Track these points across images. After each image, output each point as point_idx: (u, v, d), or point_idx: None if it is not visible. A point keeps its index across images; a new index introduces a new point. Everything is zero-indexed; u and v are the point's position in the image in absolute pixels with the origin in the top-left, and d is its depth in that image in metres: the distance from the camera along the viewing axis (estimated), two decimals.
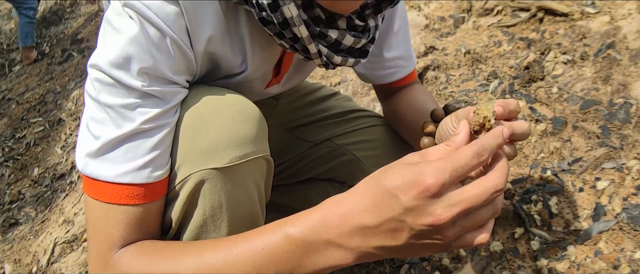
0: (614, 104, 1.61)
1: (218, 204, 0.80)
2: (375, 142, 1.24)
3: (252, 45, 0.89)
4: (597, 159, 1.50)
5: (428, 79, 2.05)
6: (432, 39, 2.18)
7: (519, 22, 2.10)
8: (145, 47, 0.74)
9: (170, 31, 0.75)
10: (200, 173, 0.77)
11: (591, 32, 1.89)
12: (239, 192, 0.82)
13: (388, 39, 1.14)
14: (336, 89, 2.24)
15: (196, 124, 0.79)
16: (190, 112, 0.81)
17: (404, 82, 1.21)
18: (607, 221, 1.35)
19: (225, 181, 0.79)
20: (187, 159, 0.78)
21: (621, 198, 1.38)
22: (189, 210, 0.81)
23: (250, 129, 0.82)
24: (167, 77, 0.77)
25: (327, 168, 1.26)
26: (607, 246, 1.31)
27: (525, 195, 1.49)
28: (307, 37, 0.82)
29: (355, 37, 0.89)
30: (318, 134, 1.28)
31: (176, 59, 0.78)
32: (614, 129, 1.56)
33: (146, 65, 0.74)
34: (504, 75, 1.93)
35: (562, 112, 1.68)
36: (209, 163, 0.77)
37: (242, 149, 0.80)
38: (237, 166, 0.80)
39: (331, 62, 0.90)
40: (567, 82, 1.77)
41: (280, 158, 1.29)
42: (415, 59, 1.23)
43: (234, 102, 0.83)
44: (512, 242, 1.40)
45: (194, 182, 0.78)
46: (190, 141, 0.79)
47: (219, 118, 0.80)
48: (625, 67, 1.71)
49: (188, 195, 0.79)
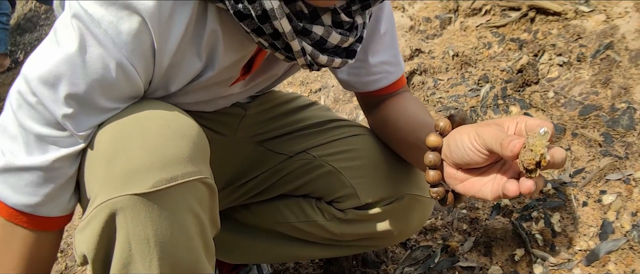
0: (616, 109, 1.50)
1: (144, 238, 0.69)
2: (356, 152, 1.12)
3: (225, 45, 0.80)
4: (601, 170, 1.38)
5: (415, 84, 1.92)
6: (417, 42, 2.05)
7: (509, 22, 1.98)
8: (80, 71, 0.68)
9: (119, 53, 0.69)
10: (117, 200, 0.68)
11: (587, 32, 1.78)
12: (169, 223, 0.71)
13: (374, 43, 1.03)
14: (317, 96, 2.10)
15: (115, 144, 0.71)
16: (109, 129, 0.72)
17: (391, 89, 1.09)
18: (616, 239, 1.23)
19: (149, 210, 0.69)
20: (104, 185, 0.69)
21: (630, 213, 1.26)
22: (108, 246, 0.71)
23: (181, 147, 0.71)
24: (100, 106, 0.72)
25: (303, 182, 1.13)
26: (617, 268, 1.19)
27: (525, 212, 1.36)
28: (290, 32, 0.74)
29: (342, 35, 0.80)
30: (292, 146, 1.16)
31: (118, 85, 0.72)
32: (617, 137, 1.44)
33: (76, 92, 0.69)
34: (496, 79, 1.81)
35: (560, 119, 1.56)
36: (128, 188, 0.68)
37: (170, 171, 0.69)
38: (164, 191, 0.69)
39: (316, 62, 0.81)
40: (563, 86, 1.65)
41: (250, 174, 1.17)
42: (403, 65, 1.10)
43: (163, 116, 0.73)
44: (512, 265, 1.27)
45: (108, 212, 0.68)
46: (108, 164, 0.70)
47: (142, 135, 0.70)
48: (625, 69, 1.59)
49: (102, 227, 0.69)
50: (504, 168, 0.76)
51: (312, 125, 1.17)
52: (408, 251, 1.40)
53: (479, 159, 0.74)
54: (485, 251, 1.33)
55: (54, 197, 0.76)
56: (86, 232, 0.71)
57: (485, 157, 0.74)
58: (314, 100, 1.31)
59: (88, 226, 0.71)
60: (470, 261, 1.32)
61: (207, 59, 0.81)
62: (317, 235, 1.13)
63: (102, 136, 0.73)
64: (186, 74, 0.81)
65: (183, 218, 0.72)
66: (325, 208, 1.11)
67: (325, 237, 1.12)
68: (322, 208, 1.12)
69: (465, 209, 1.46)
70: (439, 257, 1.35)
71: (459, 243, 1.37)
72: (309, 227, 1.12)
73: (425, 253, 1.37)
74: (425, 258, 1.37)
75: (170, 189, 0.69)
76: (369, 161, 1.10)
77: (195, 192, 0.73)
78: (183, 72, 0.80)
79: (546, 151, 0.65)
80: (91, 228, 0.70)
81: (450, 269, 1.32)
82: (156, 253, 0.71)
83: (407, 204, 1.08)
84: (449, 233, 1.41)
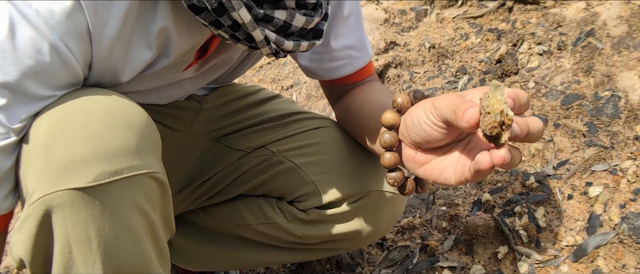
0: (599, 98, 1.43)
1: (85, 238, 0.63)
2: (318, 147, 1.03)
3: (178, 35, 0.73)
4: (586, 161, 1.31)
5: (390, 78, 1.84)
6: (392, 34, 1.98)
7: (486, 12, 1.91)
8: (10, 56, 0.62)
9: (52, 34, 0.63)
10: (54, 196, 0.61)
11: (567, 20, 1.71)
12: (113, 222, 0.64)
13: (336, 25, 0.95)
14: (289, 92, 2.02)
15: (53, 133, 0.63)
16: (47, 117, 0.65)
17: (357, 77, 1.01)
18: (605, 233, 1.16)
19: (91, 207, 0.62)
20: (40, 179, 0.62)
21: (618, 206, 1.19)
22: (47, 247, 0.65)
23: (128, 137, 0.64)
24: (34, 94, 0.66)
25: (262, 181, 1.05)
26: (606, 263, 1.12)
27: (507, 207, 1.29)
28: (250, 22, 0.68)
29: (307, 15, 0.74)
30: (250, 141, 1.07)
31: (53, 70, 0.65)
32: (602, 126, 1.37)
33: (7, 80, 0.63)
34: (474, 70, 1.73)
35: (541, 109, 1.49)
36: (66, 182, 0.61)
37: (113, 164, 0.63)
38: (107, 186, 0.62)
39: (281, 49, 0.76)
40: (544, 76, 1.58)
41: (207, 173, 1.08)
42: (371, 51, 1.02)
43: (108, 102, 0.66)
44: (496, 263, 1.20)
45: (43, 208, 0.62)
46: (46, 154, 0.63)
47: (84, 122, 0.63)
48: (608, 56, 1.53)
49: (38, 227, 0.63)
50: (469, 147, 0.67)
51: (272, 118, 1.09)
52: (385, 252, 1.31)
53: (436, 134, 0.65)
54: (466, 249, 1.25)
55: None
56: (21, 232, 0.64)
57: (443, 131, 0.65)
58: (279, 94, 1.22)
59: (24, 226, 0.64)
60: (451, 260, 1.24)
61: (160, 48, 0.75)
62: (280, 238, 1.04)
63: (38, 125, 0.66)
64: (136, 64, 0.74)
65: (129, 216, 0.65)
66: (286, 208, 1.02)
67: (288, 240, 1.03)
68: (283, 209, 1.03)
69: (445, 206, 1.38)
70: (418, 257, 1.27)
71: (438, 241, 1.29)
72: (270, 229, 1.03)
73: (403, 254, 1.29)
74: (403, 258, 1.28)
75: (113, 184, 0.63)
76: (332, 155, 1.01)
77: (143, 189, 0.67)
78: (132, 62, 0.74)
79: (506, 107, 0.53)
80: (27, 227, 0.63)
81: (430, 270, 1.23)
82: (99, 256, 0.64)
83: (375, 202, 0.98)
84: (428, 232, 1.33)
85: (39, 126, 0.66)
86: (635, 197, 1.19)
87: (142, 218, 0.67)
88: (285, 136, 1.05)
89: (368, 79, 1.03)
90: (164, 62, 0.77)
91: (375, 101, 0.91)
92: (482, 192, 1.36)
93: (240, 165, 1.06)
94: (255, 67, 2.20)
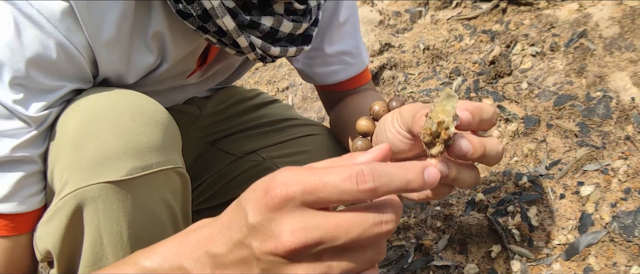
0: (591, 98, 1.44)
1: (117, 231, 0.65)
2: (308, 154, 1.04)
3: (173, 39, 0.75)
4: (578, 160, 1.32)
5: (385, 79, 1.86)
6: (387, 36, 1.99)
7: (480, 14, 1.93)
8: (19, 54, 0.64)
9: (55, 32, 0.64)
10: (87, 189, 0.63)
11: (560, 21, 1.73)
12: (143, 214, 0.66)
13: (331, 31, 0.96)
14: (284, 94, 2.03)
15: (85, 127, 0.65)
16: (79, 111, 0.66)
17: (352, 84, 1.01)
18: (596, 232, 1.17)
19: (123, 200, 0.64)
20: (74, 171, 0.63)
21: (609, 205, 1.21)
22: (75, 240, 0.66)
23: (155, 134, 0.66)
24: (47, 85, 0.67)
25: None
26: (597, 261, 1.13)
27: (500, 206, 1.30)
28: (235, 29, 0.70)
29: (295, 22, 0.75)
30: (242, 145, 1.08)
31: (61, 64, 0.67)
32: (594, 126, 1.38)
33: (20, 76, 0.64)
34: (468, 71, 1.75)
35: (534, 110, 1.50)
36: (100, 176, 0.63)
37: (144, 159, 0.65)
38: (138, 180, 0.64)
39: (268, 54, 0.76)
40: (537, 77, 1.60)
41: (201, 176, 1.09)
42: (367, 59, 1.02)
43: (135, 101, 0.68)
44: (489, 262, 1.21)
45: (75, 202, 0.63)
46: (78, 148, 0.64)
47: (114, 119, 0.65)
48: (600, 57, 1.54)
49: (69, 219, 0.64)
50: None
51: (265, 124, 1.10)
52: None
53: (400, 144, 0.64)
54: (460, 248, 1.27)
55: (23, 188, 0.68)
56: (51, 225, 0.66)
57: (407, 142, 0.64)
58: (277, 98, 1.23)
59: (53, 218, 0.65)
60: (445, 259, 1.25)
61: (159, 52, 0.77)
62: None
63: (67, 122, 0.67)
64: (139, 67, 0.76)
65: (157, 209, 0.68)
66: None
67: None
68: None
69: (439, 206, 1.39)
70: (413, 256, 1.28)
71: (433, 241, 1.30)
72: None
73: (398, 253, 1.30)
74: (398, 258, 1.29)
75: (144, 178, 0.65)
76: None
77: (169, 183, 0.69)
78: (135, 66, 0.75)
79: (451, 119, 0.49)
80: (57, 220, 0.64)
81: (425, 269, 1.25)
82: (129, 247, 0.66)
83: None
84: (423, 231, 1.35)
85: (68, 123, 0.67)
86: (626, 197, 1.21)
87: (167, 210, 0.69)
88: (276, 142, 1.06)
89: (363, 87, 1.03)
90: (164, 67, 0.79)
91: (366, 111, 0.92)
92: (476, 193, 1.37)
93: (232, 169, 1.06)
94: (251, 69, 2.22)
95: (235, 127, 1.10)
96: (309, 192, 0.41)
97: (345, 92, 1.02)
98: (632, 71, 1.45)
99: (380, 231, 0.42)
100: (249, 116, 1.12)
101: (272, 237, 0.42)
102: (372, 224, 0.42)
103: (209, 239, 0.48)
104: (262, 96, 1.18)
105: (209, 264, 0.47)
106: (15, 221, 0.68)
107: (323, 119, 1.84)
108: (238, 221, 0.45)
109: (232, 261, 0.46)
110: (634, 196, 1.20)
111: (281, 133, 1.08)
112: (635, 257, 1.11)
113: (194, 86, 0.94)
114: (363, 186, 0.41)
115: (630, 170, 1.24)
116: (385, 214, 0.43)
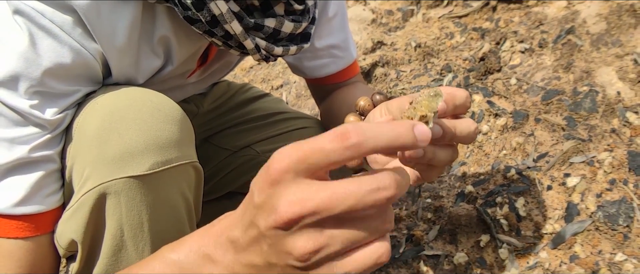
0: (578, 93, 1.48)
1: (138, 223, 0.67)
2: None
3: (178, 42, 0.77)
4: (565, 153, 1.35)
5: (377, 76, 1.89)
6: (380, 34, 2.02)
7: (471, 12, 1.96)
8: (35, 64, 0.65)
9: (70, 39, 0.67)
10: (111, 184, 0.65)
11: (548, 18, 1.76)
12: (163, 207, 0.69)
13: (320, 26, 0.99)
14: (278, 92, 2.06)
15: (107, 124, 0.67)
16: (98, 109, 0.68)
17: (342, 77, 1.04)
18: (582, 221, 1.20)
19: (145, 193, 0.66)
20: (96, 167, 0.66)
21: (594, 195, 1.24)
22: (96, 230, 0.68)
23: (173, 131, 0.68)
24: (63, 92, 0.69)
25: (247, 179, 1.07)
26: (583, 249, 1.17)
27: (489, 198, 1.33)
28: (242, 33, 0.73)
29: (295, 22, 0.77)
30: (236, 140, 1.11)
31: (76, 70, 0.69)
32: (580, 120, 1.42)
33: (35, 84, 0.66)
34: (458, 68, 1.78)
35: (522, 105, 1.53)
36: (124, 171, 0.65)
37: (164, 154, 0.67)
38: (159, 174, 0.67)
39: (271, 54, 0.79)
40: (526, 72, 1.63)
41: None
42: (355, 52, 1.05)
43: (152, 98, 0.70)
44: (478, 251, 1.24)
45: (97, 196, 0.65)
46: (100, 145, 0.66)
47: (135, 116, 0.67)
48: (587, 53, 1.58)
49: (89, 212, 0.65)
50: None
51: (257, 118, 1.13)
52: None
53: None
54: (450, 238, 1.30)
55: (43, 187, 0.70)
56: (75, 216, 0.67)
57: None
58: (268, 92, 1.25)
59: (76, 212, 0.67)
60: (435, 249, 1.28)
61: (165, 55, 0.79)
62: None
63: (88, 118, 0.69)
64: (147, 70, 0.79)
65: (175, 201, 0.70)
66: None
67: None
68: None
69: (430, 198, 1.42)
70: (404, 247, 1.31)
71: (423, 231, 1.33)
72: None
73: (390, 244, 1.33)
74: None
75: (164, 172, 0.67)
76: None
77: (186, 177, 0.72)
78: (143, 69, 0.78)
79: (432, 116, 0.52)
80: (81, 212, 0.66)
81: (416, 259, 1.28)
82: (149, 238, 0.68)
83: None
84: (414, 222, 1.38)
85: (87, 121, 0.69)
86: (611, 187, 1.24)
87: (184, 202, 0.72)
88: (269, 136, 1.08)
89: (352, 79, 1.06)
90: (169, 68, 0.81)
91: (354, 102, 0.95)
92: (466, 185, 1.41)
93: (227, 164, 1.09)
94: (245, 67, 2.24)
95: (229, 122, 1.12)
96: (300, 160, 0.42)
97: (334, 84, 1.05)
98: (618, 66, 1.49)
99: (378, 198, 0.42)
100: (241, 110, 1.14)
101: (272, 211, 0.43)
102: (367, 191, 0.41)
103: (228, 226, 0.50)
104: (253, 90, 1.20)
105: (231, 250, 0.49)
106: (36, 222, 0.70)
107: (316, 116, 1.87)
108: (248, 204, 0.47)
109: (248, 242, 0.47)
110: (618, 186, 1.23)
111: (274, 127, 1.10)
112: (619, 245, 1.14)
113: (193, 85, 0.97)
114: (347, 142, 0.41)
115: (615, 161, 1.27)
116: (383, 180, 0.42)
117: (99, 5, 0.67)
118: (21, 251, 0.69)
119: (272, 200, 0.43)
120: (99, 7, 0.67)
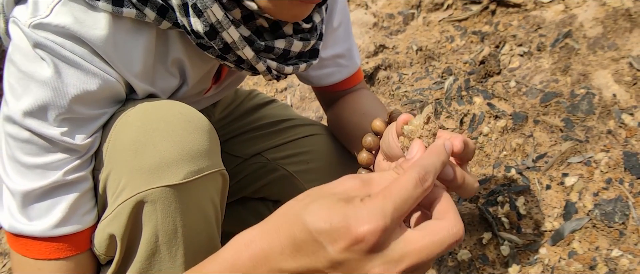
0: (575, 95, 1.53)
1: (172, 229, 0.70)
2: (310, 155, 1.11)
3: (191, 64, 0.80)
4: (563, 153, 1.40)
5: (380, 80, 1.94)
6: (381, 38, 2.07)
7: (470, 16, 2.01)
8: (61, 93, 0.68)
9: (92, 67, 0.69)
10: (148, 193, 0.68)
11: (546, 22, 1.81)
12: (196, 213, 0.72)
13: (325, 36, 1.01)
14: (283, 95, 2.10)
15: (141, 137, 0.69)
16: (132, 123, 0.71)
17: (347, 85, 1.08)
18: (579, 219, 1.25)
19: (179, 201, 0.70)
20: (133, 177, 0.69)
21: (592, 194, 1.29)
22: (133, 236, 0.72)
23: (203, 141, 0.72)
24: (91, 116, 0.72)
25: (259, 186, 1.12)
26: (581, 245, 1.21)
27: (490, 197, 1.38)
28: (254, 57, 0.74)
29: (304, 40, 0.80)
30: (247, 148, 1.14)
31: (102, 94, 0.72)
32: (578, 121, 1.47)
33: (64, 111, 0.68)
34: (459, 71, 1.83)
35: (522, 107, 1.58)
36: (160, 180, 0.68)
37: (196, 163, 0.71)
38: (192, 183, 0.70)
39: (282, 73, 0.82)
40: (525, 75, 1.68)
41: None
42: (359, 60, 1.09)
43: (181, 110, 0.73)
44: (480, 248, 1.29)
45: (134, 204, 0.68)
46: (136, 157, 0.68)
47: (167, 128, 0.70)
48: (584, 56, 1.63)
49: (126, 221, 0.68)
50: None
51: (266, 125, 1.16)
52: None
53: (396, 150, 0.70)
54: None
55: (79, 207, 0.73)
56: (114, 221, 0.70)
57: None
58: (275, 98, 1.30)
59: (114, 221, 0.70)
60: None
61: (180, 75, 0.82)
62: None
63: (121, 131, 0.72)
64: (166, 89, 0.82)
65: (207, 208, 0.74)
66: None
67: None
68: None
69: None
70: None
71: None
72: None
73: None
74: None
75: (197, 181, 0.71)
76: (323, 163, 1.09)
77: (216, 184, 0.75)
78: (162, 88, 0.81)
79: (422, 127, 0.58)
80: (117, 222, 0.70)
81: None
82: (182, 243, 0.72)
83: None
84: None
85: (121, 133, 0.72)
86: (607, 186, 1.29)
87: (213, 208, 0.75)
88: (278, 144, 1.12)
89: (357, 87, 1.09)
90: (184, 89, 0.84)
91: (365, 112, 0.99)
92: None
93: (239, 171, 1.12)
94: None
95: (238, 129, 1.16)
96: (396, 220, 0.47)
97: (340, 92, 1.08)
98: (614, 68, 1.54)
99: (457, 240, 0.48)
100: (249, 118, 1.17)
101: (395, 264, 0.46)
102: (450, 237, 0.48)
103: (270, 257, 0.50)
104: (260, 96, 1.24)
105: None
106: (75, 241, 0.73)
107: (321, 118, 1.91)
108: (313, 249, 0.48)
109: None
110: (614, 185, 1.28)
111: (283, 134, 1.13)
112: (615, 241, 1.19)
113: (207, 99, 1.00)
114: (426, 183, 0.49)
115: (611, 162, 1.32)
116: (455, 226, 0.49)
117: (115, 37, 0.70)
118: (61, 272, 0.72)
119: (365, 263, 0.46)
120: (115, 39, 0.70)
